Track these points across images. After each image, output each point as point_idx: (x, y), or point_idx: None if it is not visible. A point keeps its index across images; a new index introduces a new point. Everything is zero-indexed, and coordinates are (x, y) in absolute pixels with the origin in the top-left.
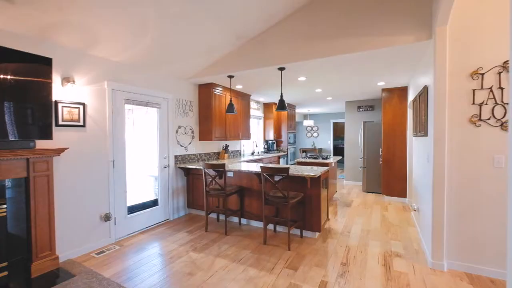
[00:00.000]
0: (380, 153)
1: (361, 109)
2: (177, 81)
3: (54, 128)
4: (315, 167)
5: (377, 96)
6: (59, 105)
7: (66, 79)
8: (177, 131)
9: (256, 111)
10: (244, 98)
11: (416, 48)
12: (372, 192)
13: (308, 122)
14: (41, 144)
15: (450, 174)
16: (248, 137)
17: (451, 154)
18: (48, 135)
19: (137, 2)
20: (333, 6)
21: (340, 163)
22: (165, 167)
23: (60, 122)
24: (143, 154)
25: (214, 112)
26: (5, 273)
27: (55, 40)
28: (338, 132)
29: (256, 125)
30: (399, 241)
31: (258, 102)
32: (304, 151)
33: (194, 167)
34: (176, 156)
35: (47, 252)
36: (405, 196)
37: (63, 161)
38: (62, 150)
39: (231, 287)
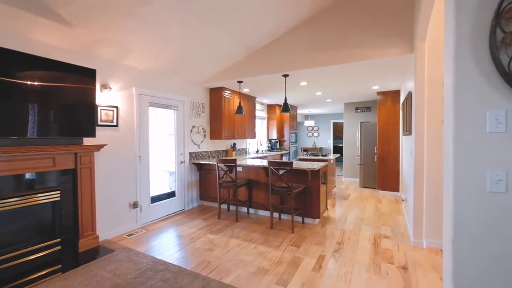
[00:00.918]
0: (375, 151)
1: (358, 110)
2: (191, 85)
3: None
4: (315, 163)
5: (373, 98)
6: (99, 108)
7: (104, 86)
8: (191, 131)
9: (260, 112)
10: (250, 100)
11: (402, 59)
12: (369, 188)
13: (309, 123)
14: (85, 141)
15: (428, 166)
16: (253, 136)
17: (429, 149)
18: (92, 134)
19: (163, 20)
20: (330, 22)
21: (340, 161)
22: (181, 163)
23: (99, 123)
24: (161, 151)
25: (224, 113)
26: (59, 247)
27: (97, 53)
28: (338, 132)
29: (260, 125)
30: (388, 226)
31: (262, 103)
32: (305, 150)
33: (206, 162)
34: (190, 153)
35: (90, 232)
36: (398, 190)
37: (100, 156)
38: (102, 146)
39: (246, 259)
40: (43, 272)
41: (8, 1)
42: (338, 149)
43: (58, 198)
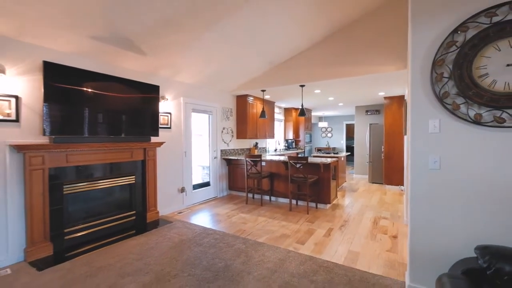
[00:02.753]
0: (382, 150)
1: (368, 113)
2: (222, 94)
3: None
4: (326, 158)
5: (382, 102)
6: (159, 114)
7: (162, 97)
8: (222, 131)
9: (278, 115)
10: (270, 104)
11: (399, 74)
12: (377, 183)
13: (322, 124)
14: (151, 139)
15: None
16: (272, 136)
17: None
18: (156, 134)
19: (206, 48)
20: (339, 42)
21: (351, 161)
22: (214, 158)
23: (159, 126)
24: (198, 149)
25: (248, 117)
26: (134, 217)
27: (159, 73)
28: (351, 132)
29: (278, 127)
30: (388, 212)
31: (280, 107)
32: (319, 149)
33: (234, 158)
34: (221, 150)
35: (153, 208)
36: (402, 184)
37: (159, 151)
38: (162, 143)
39: (271, 229)
40: (124, 234)
41: (110, 42)
42: (351, 149)
43: (134, 181)
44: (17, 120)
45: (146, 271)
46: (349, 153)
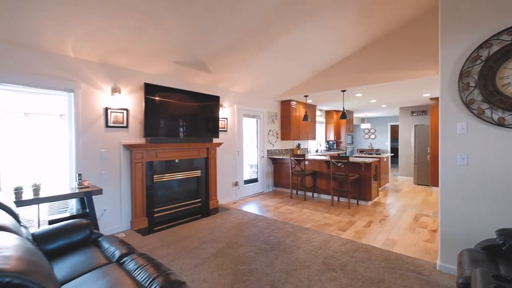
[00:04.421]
0: (428, 151)
1: (414, 114)
2: (268, 100)
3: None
4: (368, 159)
5: (428, 103)
6: (219, 120)
7: (221, 105)
8: (268, 133)
9: (319, 117)
10: (312, 108)
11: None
12: (422, 185)
13: (365, 125)
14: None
15: None
16: (313, 138)
17: None
18: (217, 136)
19: (258, 63)
20: (379, 50)
21: (396, 163)
22: (262, 157)
23: (219, 129)
24: (247, 149)
25: (291, 120)
26: (199, 204)
27: (219, 86)
28: (396, 134)
29: (319, 128)
30: (430, 210)
31: (321, 110)
32: (361, 151)
33: (279, 157)
34: (267, 150)
35: (214, 197)
36: None
37: (218, 150)
38: (221, 144)
39: (316, 218)
40: (193, 217)
41: (187, 65)
42: (396, 151)
43: (200, 175)
44: (126, 126)
45: (218, 241)
46: (393, 155)
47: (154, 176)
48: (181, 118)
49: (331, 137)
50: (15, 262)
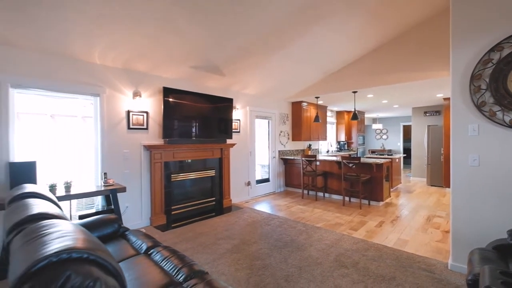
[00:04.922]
0: (442, 152)
1: (427, 114)
2: (280, 101)
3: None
4: (380, 159)
5: (442, 103)
6: (232, 121)
7: (234, 107)
8: (279, 134)
9: (330, 118)
10: (323, 109)
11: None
12: (435, 186)
13: (376, 126)
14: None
15: None
16: (324, 138)
17: None
18: (230, 137)
19: (270, 66)
20: (389, 52)
21: (408, 164)
22: (273, 158)
23: (232, 130)
24: (258, 149)
25: (302, 121)
26: (214, 203)
27: (232, 89)
28: (409, 134)
29: (330, 129)
30: (443, 211)
31: (332, 111)
32: (373, 151)
33: (290, 158)
34: (279, 151)
35: (227, 196)
36: None
37: (231, 151)
38: (234, 144)
39: (327, 218)
40: (207, 215)
41: (202, 69)
42: (408, 152)
43: (214, 174)
44: (146, 128)
45: (233, 238)
46: (405, 155)
47: (172, 175)
48: (196, 120)
49: (342, 137)
50: (85, 242)
